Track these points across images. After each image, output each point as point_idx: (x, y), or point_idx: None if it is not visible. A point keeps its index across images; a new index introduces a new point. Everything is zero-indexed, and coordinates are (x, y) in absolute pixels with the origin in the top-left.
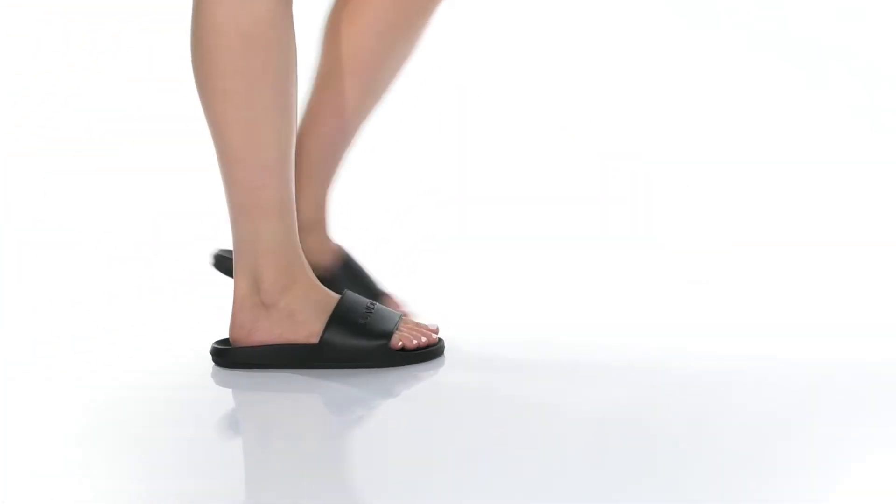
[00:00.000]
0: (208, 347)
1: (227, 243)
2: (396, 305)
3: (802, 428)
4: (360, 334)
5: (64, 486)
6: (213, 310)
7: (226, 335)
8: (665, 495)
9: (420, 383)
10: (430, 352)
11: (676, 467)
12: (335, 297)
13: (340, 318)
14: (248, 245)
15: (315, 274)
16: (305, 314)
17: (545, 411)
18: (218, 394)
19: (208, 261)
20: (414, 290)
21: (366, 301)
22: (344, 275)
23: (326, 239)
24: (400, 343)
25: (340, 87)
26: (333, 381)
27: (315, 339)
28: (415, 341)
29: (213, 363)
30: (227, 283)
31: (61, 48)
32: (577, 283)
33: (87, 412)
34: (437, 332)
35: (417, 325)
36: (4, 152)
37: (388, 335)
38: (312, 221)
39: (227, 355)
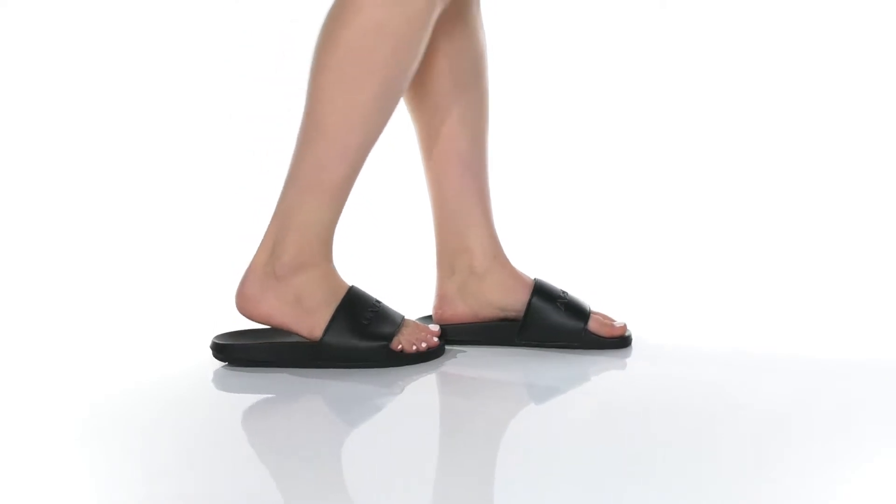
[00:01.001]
0: (208, 347)
1: (228, 246)
2: (611, 320)
3: (803, 426)
4: (361, 335)
5: (63, 487)
6: (214, 310)
7: (225, 330)
8: (665, 495)
9: (422, 379)
10: (429, 354)
11: (676, 466)
12: (346, 287)
13: (343, 317)
14: (285, 215)
15: (510, 310)
16: (313, 301)
17: (545, 407)
18: (218, 394)
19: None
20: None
21: (372, 299)
22: (541, 304)
23: (517, 272)
24: (399, 346)
25: (437, 135)
26: (334, 379)
27: (318, 334)
28: (414, 346)
29: (214, 358)
30: (228, 283)
31: (61, 48)
32: (577, 279)
33: (86, 413)
34: (438, 334)
35: (419, 326)
36: (4, 152)
37: (388, 337)
38: (491, 259)
39: (227, 351)
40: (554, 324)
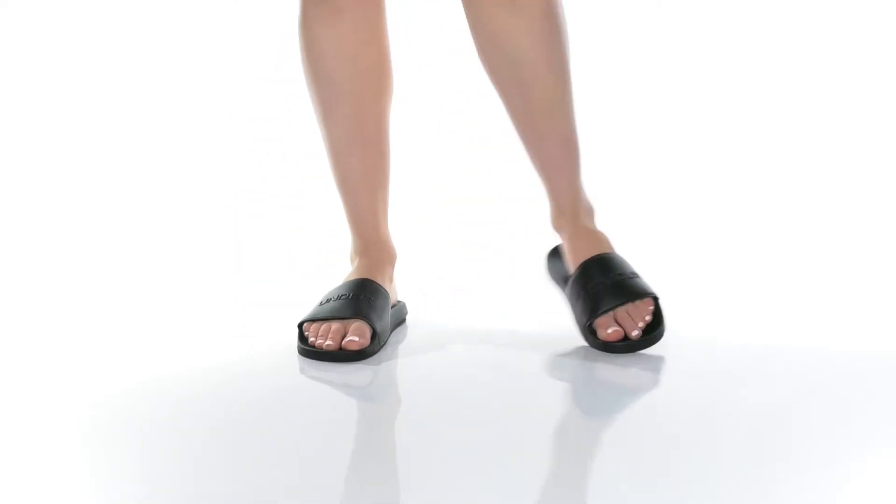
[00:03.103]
0: (208, 348)
1: (228, 246)
2: (636, 322)
3: (804, 425)
4: (317, 307)
5: (64, 487)
6: (214, 309)
7: (227, 339)
8: (666, 496)
9: (420, 378)
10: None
11: (676, 466)
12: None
13: (326, 295)
14: None
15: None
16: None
17: (547, 407)
18: (219, 394)
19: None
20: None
21: (350, 289)
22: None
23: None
24: (310, 338)
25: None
26: (332, 378)
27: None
28: (319, 341)
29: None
30: (227, 282)
31: (61, 48)
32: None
33: (87, 413)
34: (361, 344)
35: (341, 329)
36: (4, 152)
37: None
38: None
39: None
40: (590, 291)
